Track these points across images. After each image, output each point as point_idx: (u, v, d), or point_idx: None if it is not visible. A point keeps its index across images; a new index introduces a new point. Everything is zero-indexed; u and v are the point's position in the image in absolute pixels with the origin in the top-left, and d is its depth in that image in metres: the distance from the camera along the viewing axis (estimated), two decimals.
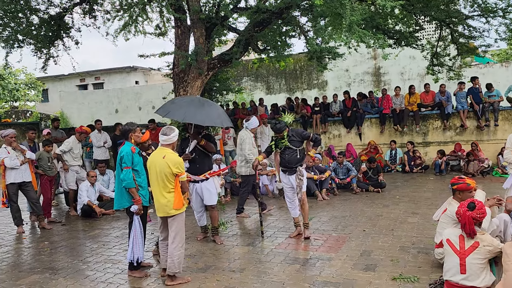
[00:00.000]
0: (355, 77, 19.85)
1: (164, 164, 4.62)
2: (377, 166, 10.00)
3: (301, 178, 6.10)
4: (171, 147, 4.82)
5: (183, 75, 10.41)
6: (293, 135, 6.19)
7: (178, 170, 4.64)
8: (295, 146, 6.18)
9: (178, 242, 4.70)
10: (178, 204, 4.67)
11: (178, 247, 4.69)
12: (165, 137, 4.76)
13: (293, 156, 6.16)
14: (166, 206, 4.67)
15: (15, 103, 27.05)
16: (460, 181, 4.69)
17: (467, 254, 3.80)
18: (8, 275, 5.21)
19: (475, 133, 12.43)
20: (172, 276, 4.69)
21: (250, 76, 21.60)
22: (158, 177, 4.66)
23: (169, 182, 4.65)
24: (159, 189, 4.68)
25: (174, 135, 4.81)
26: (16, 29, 11.36)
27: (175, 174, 4.64)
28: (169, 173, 4.62)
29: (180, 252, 4.71)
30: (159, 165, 4.65)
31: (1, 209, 8.38)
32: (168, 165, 4.60)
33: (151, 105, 22.85)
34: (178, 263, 4.68)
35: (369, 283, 4.51)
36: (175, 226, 4.71)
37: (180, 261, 4.72)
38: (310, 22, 10.43)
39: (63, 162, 8.65)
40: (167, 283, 4.70)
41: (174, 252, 4.66)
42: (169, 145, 4.80)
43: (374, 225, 6.77)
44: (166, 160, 4.63)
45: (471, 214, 3.81)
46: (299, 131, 6.32)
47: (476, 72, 16.35)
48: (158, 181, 4.68)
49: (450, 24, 11.66)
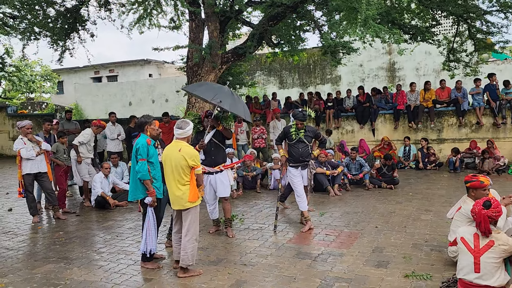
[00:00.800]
0: (369, 72, 19.68)
1: (180, 157, 4.64)
2: (393, 162, 9.93)
3: (313, 171, 6.58)
4: (186, 140, 4.85)
5: (197, 68, 10.43)
6: (308, 130, 6.56)
7: (194, 162, 4.67)
8: (308, 141, 6.53)
9: (192, 234, 4.73)
10: (193, 197, 4.69)
11: (191, 239, 4.72)
12: (180, 130, 4.79)
13: (306, 150, 6.51)
14: (182, 199, 4.69)
15: (31, 95, 27.42)
16: (474, 178, 4.64)
17: (482, 252, 3.76)
18: (24, 264, 5.30)
19: (491, 130, 12.25)
20: (185, 268, 4.73)
21: (263, 70, 21.56)
22: (173, 170, 4.69)
23: (184, 174, 4.68)
24: (175, 182, 4.71)
25: (189, 128, 4.84)
26: (33, 21, 11.50)
27: (191, 166, 4.67)
28: (185, 166, 4.65)
29: (194, 245, 4.74)
30: (175, 158, 4.67)
31: (17, 199, 8.54)
32: (184, 158, 4.63)
33: (164, 98, 22.98)
34: (192, 255, 4.71)
35: (381, 279, 4.49)
36: (189, 219, 4.74)
37: (194, 253, 4.75)
38: (325, 16, 10.36)
39: (78, 153, 8.72)
40: (179, 275, 4.74)
41: (188, 245, 4.69)
42: (184, 138, 4.83)
43: (386, 222, 6.73)
44: (182, 153, 4.65)
45: (486, 212, 3.76)
46: (313, 128, 6.76)
47: (494, 69, 16.10)
48: (173, 174, 4.70)
49: (468, 19, 11.46)
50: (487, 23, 11.26)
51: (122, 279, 4.74)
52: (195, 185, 4.75)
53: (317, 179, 9.09)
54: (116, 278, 4.77)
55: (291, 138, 6.52)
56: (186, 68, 10.97)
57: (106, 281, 4.70)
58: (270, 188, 9.87)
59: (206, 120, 6.09)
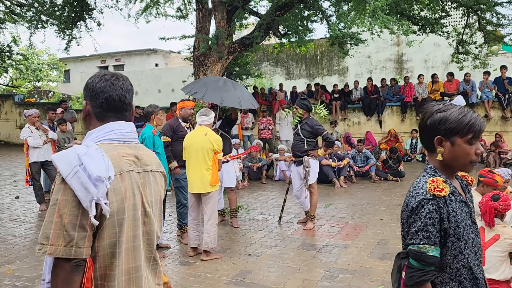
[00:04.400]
0: (377, 64, 19.51)
1: (207, 141, 4.87)
2: (398, 155, 9.88)
3: (307, 169, 5.91)
4: (209, 127, 5.09)
5: (203, 58, 10.39)
6: (306, 123, 5.97)
7: (218, 147, 4.92)
8: (303, 135, 5.97)
9: (214, 219, 4.96)
10: (215, 181, 4.90)
11: (214, 223, 4.94)
12: (205, 117, 5.04)
13: (299, 144, 6.00)
14: (204, 183, 4.86)
15: (37, 83, 27.51)
16: (490, 175, 4.52)
17: (487, 246, 3.74)
18: (31, 251, 5.35)
19: (499, 123, 12.14)
20: (208, 251, 4.93)
21: (270, 61, 21.44)
22: (199, 153, 4.87)
23: (209, 158, 4.89)
24: (199, 166, 4.87)
25: (213, 116, 5.15)
26: (40, 9, 11.51)
27: (215, 151, 4.89)
28: (210, 149, 4.87)
29: (215, 229, 4.97)
30: (201, 141, 4.88)
31: (24, 186, 8.60)
32: (210, 141, 4.87)
33: (170, 87, 22.94)
34: (214, 239, 4.94)
35: (385, 271, 4.49)
36: (211, 204, 4.94)
37: (215, 237, 4.96)
38: (333, 7, 10.26)
39: None
40: (202, 258, 4.94)
41: (211, 229, 4.91)
42: (208, 125, 5.07)
43: (392, 214, 6.71)
44: (208, 137, 4.89)
45: (493, 204, 3.73)
46: (313, 123, 5.99)
47: (503, 61, 15.87)
48: (198, 158, 4.88)
49: (478, 11, 11.32)
50: (497, 14, 11.13)
51: None
52: (217, 169, 4.94)
53: (323, 170, 9.08)
54: None
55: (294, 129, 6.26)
56: (193, 58, 10.94)
57: None
58: (276, 179, 9.87)
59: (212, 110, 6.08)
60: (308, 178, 5.94)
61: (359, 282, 4.27)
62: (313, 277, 4.41)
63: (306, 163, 5.91)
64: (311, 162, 5.97)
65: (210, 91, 5.84)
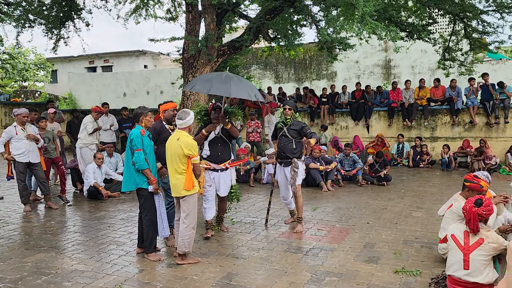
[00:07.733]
0: (365, 69, 19.69)
1: (178, 146, 4.79)
2: (384, 159, 9.97)
3: (296, 170, 5.96)
4: (187, 130, 4.97)
5: (193, 60, 10.38)
6: (294, 123, 6.10)
7: (190, 152, 4.79)
8: (291, 135, 6.05)
9: (189, 222, 4.86)
10: (188, 185, 4.81)
11: (189, 227, 4.85)
12: (180, 121, 4.89)
13: (288, 145, 6.05)
14: (178, 187, 4.84)
15: (24, 83, 27.18)
16: (475, 180, 4.60)
17: (471, 250, 3.79)
18: (15, 253, 5.28)
19: (484, 129, 12.33)
20: (182, 255, 4.88)
21: (259, 65, 21.50)
22: (172, 158, 4.85)
23: (181, 163, 4.81)
24: (173, 170, 4.86)
25: (190, 118, 4.92)
26: (28, 8, 11.39)
27: (187, 155, 4.79)
28: (181, 155, 4.79)
29: (191, 233, 4.88)
30: (173, 146, 4.83)
31: (8, 187, 8.47)
32: (181, 147, 4.77)
33: (159, 89, 22.84)
34: (188, 243, 4.85)
35: (371, 275, 4.53)
36: (186, 207, 4.87)
37: (190, 241, 4.87)
38: (322, 12, 10.33)
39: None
40: (177, 261, 4.88)
41: (185, 232, 4.84)
42: (184, 128, 4.94)
43: (378, 218, 6.77)
44: (180, 142, 4.80)
45: (477, 210, 3.79)
46: (300, 124, 6.12)
47: (488, 69, 16.17)
48: (172, 162, 4.86)
49: (464, 18, 11.51)
50: (483, 22, 11.32)
51: (113, 270, 4.74)
52: (191, 174, 4.86)
53: (311, 174, 9.14)
54: (107, 269, 4.77)
55: (279, 131, 6.23)
56: (182, 60, 10.92)
57: (97, 271, 4.70)
58: (263, 182, 9.90)
59: (213, 112, 5.84)
60: (296, 179, 6.00)
61: (345, 285, 4.30)
62: (299, 280, 4.43)
63: (295, 164, 5.99)
64: (298, 163, 6.04)
65: (216, 84, 5.58)
